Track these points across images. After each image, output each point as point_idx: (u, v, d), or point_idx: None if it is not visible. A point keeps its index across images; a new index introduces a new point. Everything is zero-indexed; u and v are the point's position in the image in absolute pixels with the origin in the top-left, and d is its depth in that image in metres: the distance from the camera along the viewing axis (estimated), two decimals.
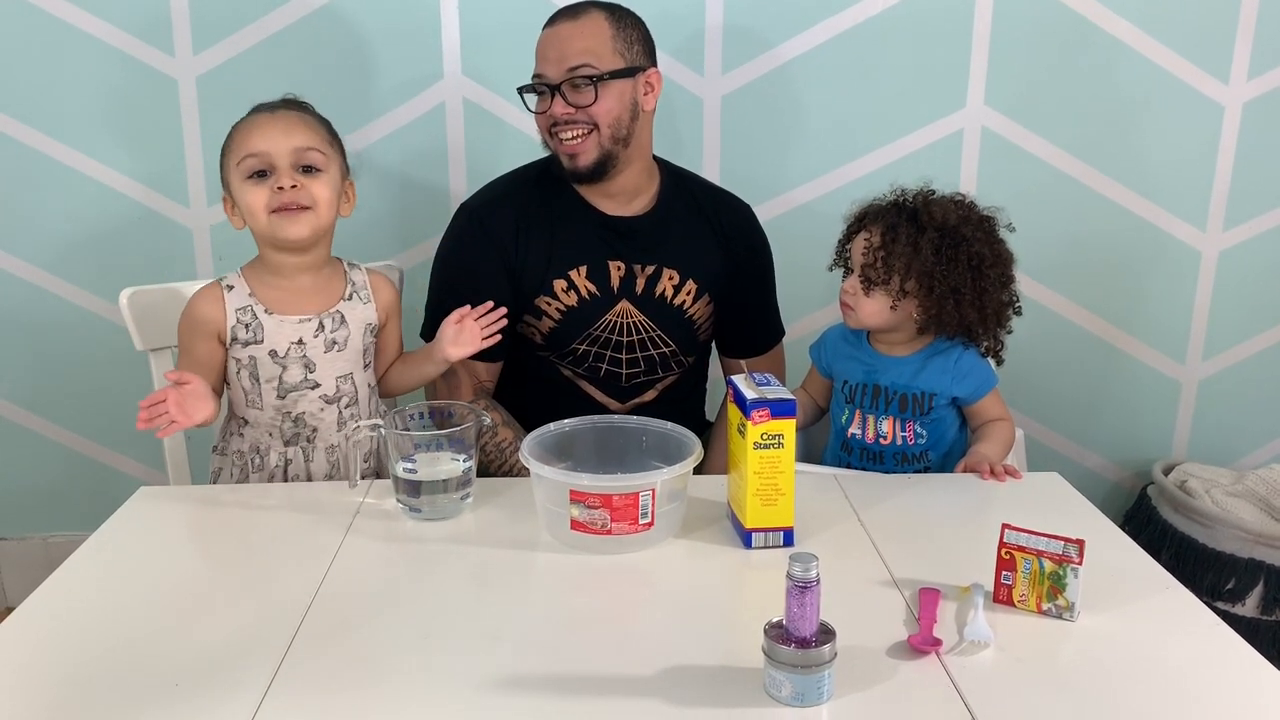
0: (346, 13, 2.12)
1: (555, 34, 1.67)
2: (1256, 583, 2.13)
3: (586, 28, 1.66)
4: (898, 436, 1.58)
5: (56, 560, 1.24)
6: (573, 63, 1.64)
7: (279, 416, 1.52)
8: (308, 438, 1.53)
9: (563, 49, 1.65)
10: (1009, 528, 1.12)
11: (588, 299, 1.73)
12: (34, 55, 2.12)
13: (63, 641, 1.07)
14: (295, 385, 1.51)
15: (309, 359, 1.51)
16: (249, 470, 1.54)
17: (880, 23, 2.17)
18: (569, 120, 1.66)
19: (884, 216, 1.57)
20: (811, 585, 0.95)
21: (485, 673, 1.01)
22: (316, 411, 1.53)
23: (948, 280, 1.51)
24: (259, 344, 1.49)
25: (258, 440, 1.53)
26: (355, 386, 1.55)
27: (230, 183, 1.48)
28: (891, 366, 1.60)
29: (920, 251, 1.51)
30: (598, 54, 1.65)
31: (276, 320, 1.49)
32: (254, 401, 1.51)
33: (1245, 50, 2.21)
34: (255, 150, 1.45)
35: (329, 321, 1.52)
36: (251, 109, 1.52)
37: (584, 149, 1.67)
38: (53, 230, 2.22)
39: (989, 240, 1.55)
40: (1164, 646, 1.06)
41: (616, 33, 1.67)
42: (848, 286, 1.59)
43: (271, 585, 1.19)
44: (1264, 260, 2.34)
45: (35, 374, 2.30)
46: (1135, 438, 2.45)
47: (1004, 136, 2.24)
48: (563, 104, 1.65)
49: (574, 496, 1.22)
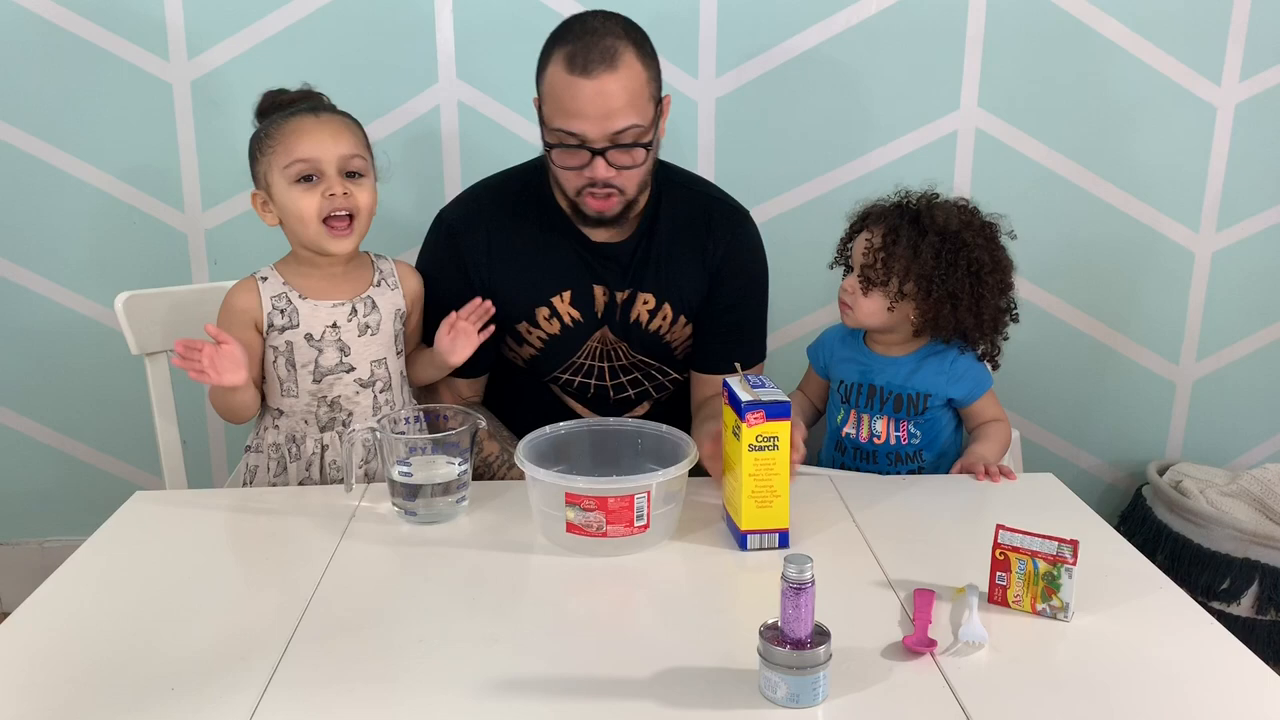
0: (341, 17, 2.12)
1: (595, 89, 1.45)
2: (1251, 583, 2.13)
3: (628, 79, 1.47)
4: (891, 436, 1.58)
5: (52, 565, 1.24)
6: (620, 125, 1.47)
7: (314, 402, 1.53)
8: (343, 422, 1.54)
9: (608, 107, 1.46)
10: (1003, 528, 1.12)
11: (571, 326, 1.66)
12: (28, 60, 2.11)
13: (59, 646, 1.07)
14: (331, 369, 1.52)
15: (344, 342, 1.52)
16: (286, 460, 1.54)
17: (874, 25, 2.18)
18: (609, 183, 1.52)
19: (886, 217, 1.58)
20: (806, 587, 0.95)
21: (481, 675, 1.01)
22: (352, 395, 1.54)
23: (946, 285, 1.52)
24: (295, 328, 1.50)
25: (293, 429, 1.54)
26: (389, 372, 1.57)
27: (272, 184, 1.48)
28: (887, 367, 1.60)
29: (920, 254, 1.52)
30: (642, 109, 1.50)
31: (311, 305, 1.51)
32: (289, 390, 1.52)
33: (1237, 52, 2.22)
34: (306, 156, 1.45)
35: (361, 306, 1.54)
36: (282, 105, 1.51)
37: (613, 206, 1.56)
38: (48, 234, 2.21)
39: (989, 247, 1.56)
40: (1159, 646, 1.07)
41: (649, 74, 1.51)
42: (847, 285, 1.60)
43: (267, 589, 1.20)
44: (1257, 261, 2.35)
45: (31, 378, 2.29)
46: (1130, 438, 2.46)
47: (998, 138, 2.24)
48: (606, 167, 1.50)
49: (569, 499, 1.22)
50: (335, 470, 1.54)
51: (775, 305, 1.97)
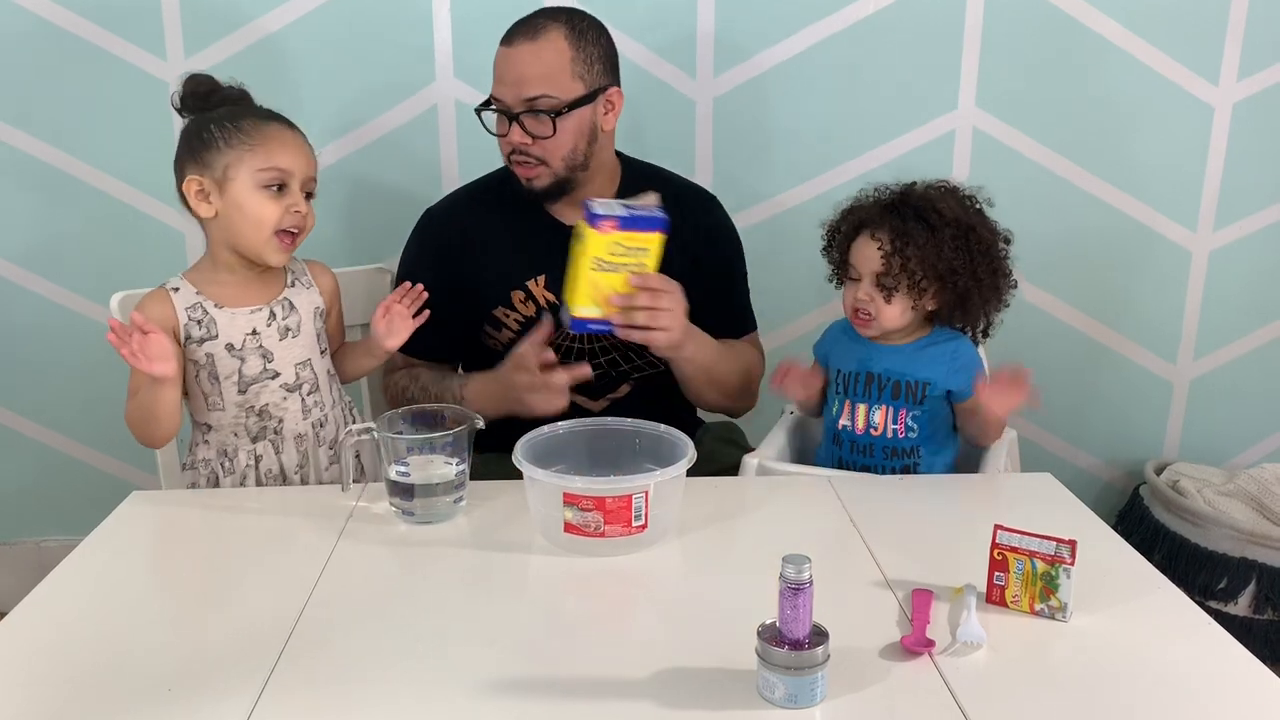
0: (337, 16, 2.12)
1: (513, 56, 1.61)
2: (1248, 582, 2.13)
3: (546, 52, 1.59)
4: (889, 428, 1.57)
5: (48, 565, 1.24)
6: (531, 93, 1.59)
7: (242, 413, 1.51)
8: (274, 430, 1.52)
9: (521, 75, 1.59)
10: (1001, 528, 1.12)
11: (546, 309, 1.69)
12: (25, 59, 2.11)
13: (55, 647, 1.07)
14: (255, 377, 1.50)
15: (265, 349, 1.50)
16: (219, 475, 1.52)
17: (872, 25, 2.18)
18: (524, 151, 1.63)
19: (885, 219, 1.55)
20: (805, 587, 0.95)
21: (479, 676, 1.01)
22: (280, 401, 1.52)
23: (970, 272, 1.52)
24: (214, 339, 1.48)
25: (224, 443, 1.52)
26: (315, 373, 1.55)
27: (232, 179, 1.44)
28: (886, 354, 1.58)
29: (942, 250, 1.51)
30: (557, 82, 1.59)
31: (228, 314, 1.49)
32: (215, 404, 1.50)
33: (1235, 51, 2.22)
34: (285, 166, 1.45)
35: (279, 309, 1.52)
36: (223, 97, 1.49)
37: (538, 175, 1.65)
38: (43, 233, 2.21)
39: (985, 222, 1.56)
40: (1156, 646, 1.07)
41: (577, 54, 1.61)
42: (863, 295, 1.55)
43: (264, 589, 1.19)
44: (1254, 260, 2.35)
45: (26, 377, 2.29)
46: (1127, 437, 2.46)
47: (995, 138, 2.25)
48: (520, 133, 1.62)
49: (567, 499, 1.22)
50: (271, 480, 1.52)
51: (775, 305, 1.97)
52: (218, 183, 1.45)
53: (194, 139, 1.47)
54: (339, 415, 1.60)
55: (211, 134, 1.46)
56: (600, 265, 1.46)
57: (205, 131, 1.46)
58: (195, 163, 1.46)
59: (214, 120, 1.47)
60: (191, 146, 1.47)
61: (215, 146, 1.45)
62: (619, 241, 1.45)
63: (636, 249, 1.46)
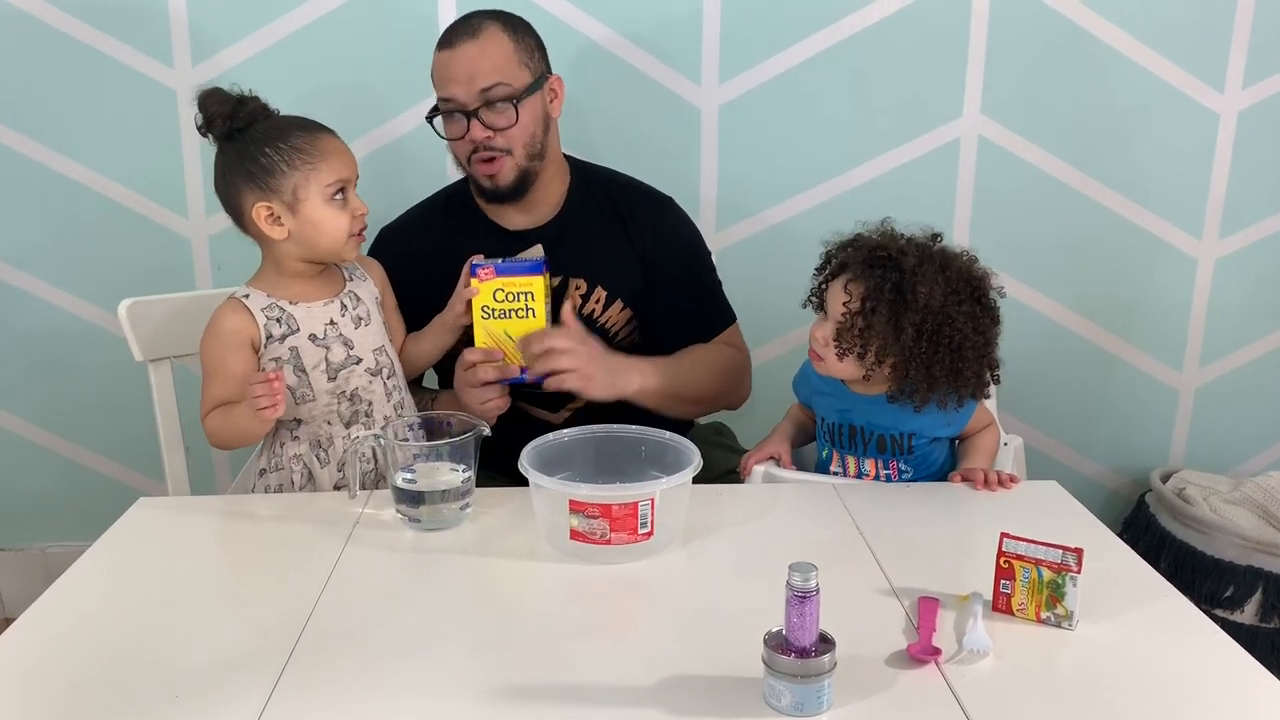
0: (345, 23, 2.13)
1: (459, 55, 1.62)
2: (1255, 590, 2.13)
3: (490, 45, 1.62)
4: (881, 475, 1.52)
5: (56, 571, 1.24)
6: (485, 83, 1.61)
7: (334, 400, 1.53)
8: (365, 413, 1.55)
9: (472, 70, 1.61)
10: (1008, 536, 1.12)
11: None
12: (34, 66, 2.12)
13: (62, 653, 1.07)
14: (342, 362, 1.53)
15: (345, 336, 1.54)
16: (314, 467, 1.54)
17: (877, 32, 2.18)
18: (487, 145, 1.64)
19: (866, 275, 1.43)
20: (811, 595, 0.95)
21: (485, 683, 1.01)
22: (367, 385, 1.55)
23: (925, 363, 1.42)
24: (296, 333, 1.50)
25: (316, 434, 1.54)
26: (390, 358, 1.60)
27: (305, 199, 1.46)
28: (865, 405, 1.50)
29: (901, 333, 1.40)
30: (507, 71, 1.62)
31: (304, 308, 1.52)
32: (304, 395, 1.52)
33: (1240, 59, 2.22)
34: (346, 176, 1.49)
35: (348, 301, 1.56)
36: (287, 118, 1.50)
37: (502, 170, 1.66)
38: (52, 240, 2.22)
39: (972, 317, 1.43)
40: (1163, 654, 1.06)
41: (517, 44, 1.65)
42: (819, 335, 1.47)
43: (271, 596, 1.20)
44: (1260, 267, 2.35)
45: (34, 384, 2.30)
46: (1133, 445, 2.46)
47: (1000, 145, 2.25)
48: (480, 128, 1.63)
49: (573, 506, 1.22)
50: (366, 464, 1.53)
51: (779, 312, 1.95)
52: (288, 205, 1.46)
53: (250, 164, 1.46)
54: (410, 400, 1.65)
55: (270, 158, 1.45)
56: (488, 313, 1.57)
57: (262, 156, 1.45)
58: (259, 189, 1.46)
59: (263, 141, 1.46)
60: (250, 173, 1.46)
61: (279, 170, 1.45)
62: (500, 288, 1.56)
63: (520, 293, 1.56)
